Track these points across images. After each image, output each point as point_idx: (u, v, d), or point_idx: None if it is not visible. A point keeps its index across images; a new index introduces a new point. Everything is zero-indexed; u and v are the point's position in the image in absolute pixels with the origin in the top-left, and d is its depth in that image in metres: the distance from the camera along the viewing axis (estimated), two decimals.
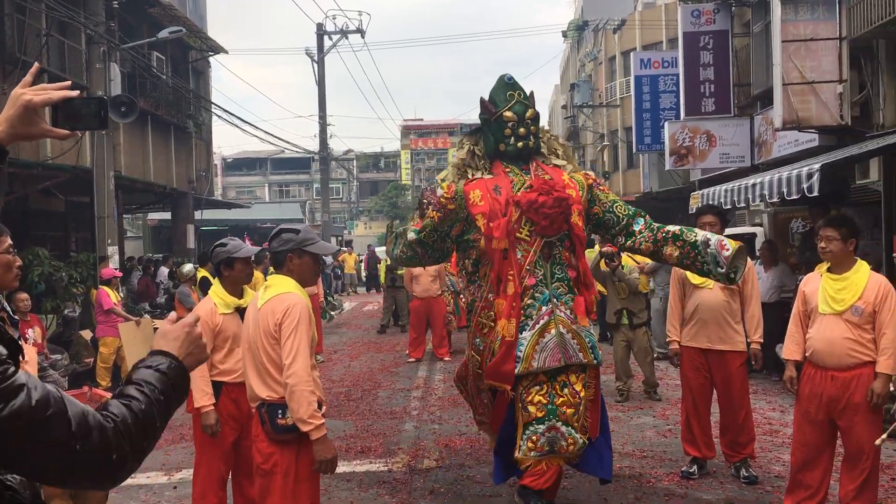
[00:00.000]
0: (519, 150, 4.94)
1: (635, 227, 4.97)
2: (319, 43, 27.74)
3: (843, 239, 4.50)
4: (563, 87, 44.97)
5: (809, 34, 10.69)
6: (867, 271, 4.53)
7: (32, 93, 1.68)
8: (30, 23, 12.68)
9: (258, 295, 3.72)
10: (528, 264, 4.75)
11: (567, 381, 4.72)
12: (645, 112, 20.17)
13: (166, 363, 1.61)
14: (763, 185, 8.88)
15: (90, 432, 1.36)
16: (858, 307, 4.44)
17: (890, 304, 4.40)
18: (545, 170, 4.96)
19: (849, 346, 4.46)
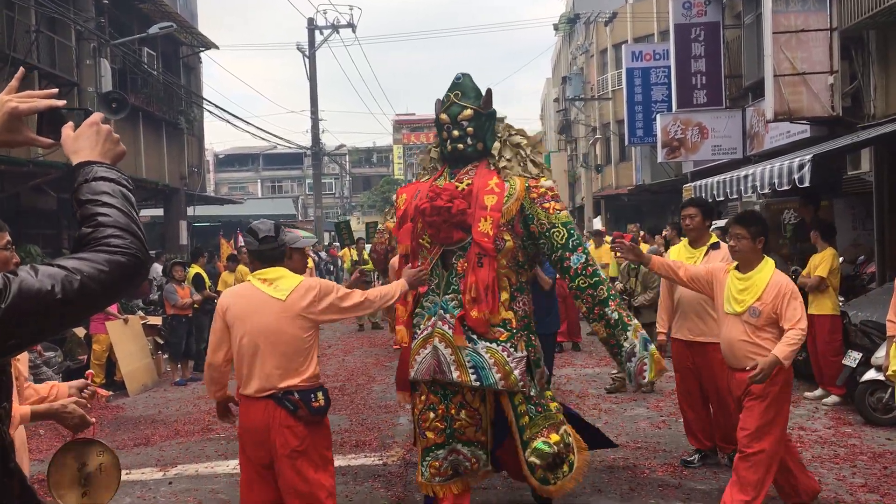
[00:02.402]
0: (450, 152, 4.70)
1: (571, 263, 4.42)
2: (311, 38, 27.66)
3: (752, 237, 4.40)
4: (555, 81, 44.97)
5: (800, 25, 10.73)
6: (770, 270, 4.39)
7: (18, 100, 1.66)
8: (19, 19, 12.60)
9: (261, 288, 3.76)
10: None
11: (464, 401, 4.47)
12: (637, 105, 20.21)
13: (97, 169, 1.59)
14: (755, 176, 8.91)
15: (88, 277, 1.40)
16: (756, 308, 4.33)
17: (795, 302, 4.27)
18: (476, 174, 4.60)
19: (747, 348, 4.36)
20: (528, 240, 4.52)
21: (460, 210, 4.41)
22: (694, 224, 5.72)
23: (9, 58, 12.04)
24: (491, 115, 4.71)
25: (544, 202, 4.50)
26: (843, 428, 6.73)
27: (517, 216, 4.46)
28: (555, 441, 4.38)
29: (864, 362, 7.07)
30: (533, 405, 4.45)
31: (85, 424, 2.87)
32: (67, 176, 9.47)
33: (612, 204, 31.90)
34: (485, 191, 4.48)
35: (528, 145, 4.81)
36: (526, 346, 4.46)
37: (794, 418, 7.05)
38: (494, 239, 4.36)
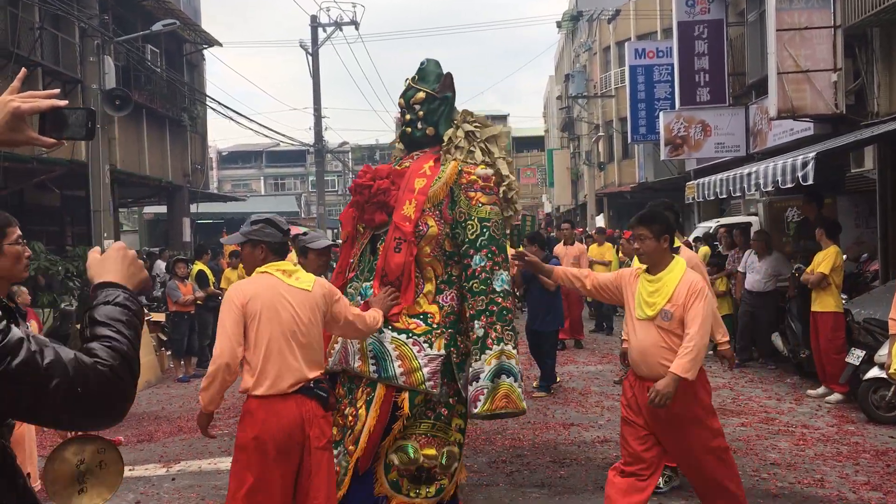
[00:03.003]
0: (401, 137, 4.59)
1: (472, 262, 4.13)
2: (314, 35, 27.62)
3: (655, 236, 4.08)
4: (558, 78, 44.94)
5: (804, 23, 10.69)
6: (681, 270, 4.08)
7: (20, 100, 1.68)
8: (23, 16, 12.63)
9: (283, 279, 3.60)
10: (352, 256, 4.45)
11: (355, 398, 4.18)
12: (640, 102, 20.17)
13: (121, 295, 1.62)
14: (758, 174, 8.89)
15: (87, 375, 1.42)
16: (667, 311, 4.01)
17: (699, 304, 3.96)
18: (419, 157, 4.45)
19: (661, 354, 4.00)
20: (454, 227, 4.23)
21: (381, 189, 4.21)
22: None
23: (13, 55, 12.07)
24: (445, 100, 4.48)
25: (470, 190, 4.23)
26: (846, 426, 6.72)
27: (445, 201, 4.22)
28: (427, 454, 4.04)
29: (867, 360, 7.06)
30: (425, 407, 4.10)
31: None
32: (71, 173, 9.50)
33: (615, 202, 31.87)
34: (417, 173, 4.29)
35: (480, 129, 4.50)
36: (446, 346, 4.08)
37: (797, 416, 7.07)
38: (416, 223, 4.12)
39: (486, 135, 4.49)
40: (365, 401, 4.12)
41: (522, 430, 6.85)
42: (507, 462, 5.93)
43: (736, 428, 6.70)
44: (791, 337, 8.92)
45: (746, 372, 9.27)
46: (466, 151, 4.39)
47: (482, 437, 6.64)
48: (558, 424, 7.03)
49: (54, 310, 10.87)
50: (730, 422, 6.90)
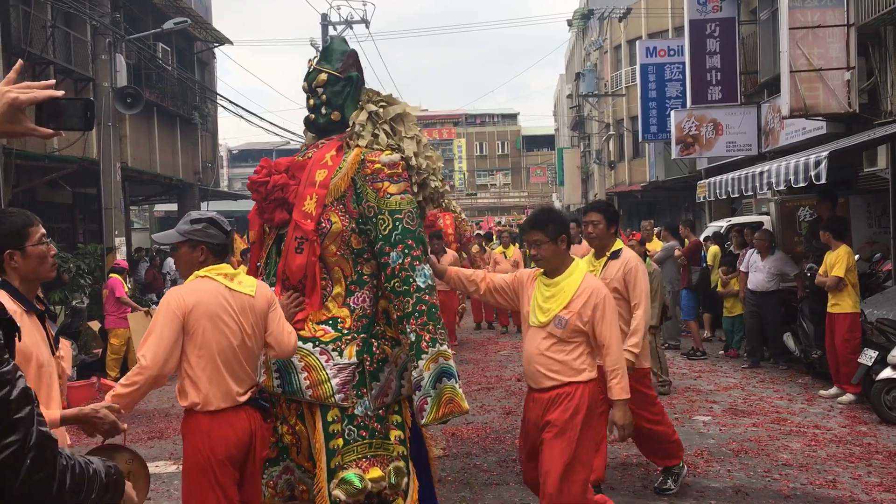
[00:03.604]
0: (308, 123, 4.21)
1: (390, 260, 3.76)
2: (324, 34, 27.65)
3: (551, 239, 3.82)
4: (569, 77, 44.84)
5: (817, 21, 10.62)
6: (581, 275, 3.83)
7: (18, 90, 1.68)
8: (35, 14, 12.68)
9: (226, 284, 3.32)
10: (259, 259, 4.10)
11: (281, 412, 3.89)
12: (651, 101, 20.09)
13: (115, 474, 1.65)
14: (770, 172, 8.84)
15: (44, 452, 1.37)
16: (562, 318, 3.73)
17: (607, 315, 3.74)
18: (324, 145, 4.06)
19: (547, 364, 3.74)
20: (363, 223, 3.82)
21: (277, 186, 3.86)
22: (597, 232, 4.97)
23: (25, 53, 12.11)
24: (350, 81, 4.07)
25: (376, 181, 3.81)
26: (858, 427, 6.68)
27: (349, 193, 3.83)
28: (372, 477, 3.69)
29: (879, 360, 7.02)
30: (355, 426, 3.72)
31: (115, 431, 2.71)
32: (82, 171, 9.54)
33: (626, 201, 31.78)
34: (318, 165, 3.90)
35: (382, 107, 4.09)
36: (359, 353, 3.73)
37: (808, 416, 7.03)
38: (318, 220, 3.76)
39: (390, 114, 4.07)
40: (297, 415, 3.84)
41: None
42: (516, 461, 5.89)
43: (747, 428, 6.66)
44: (803, 337, 8.87)
45: (758, 372, 9.22)
46: (371, 135, 4.00)
47: (492, 436, 6.63)
48: None
49: (65, 307, 10.93)
50: (741, 422, 6.87)
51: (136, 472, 2.80)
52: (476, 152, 68.34)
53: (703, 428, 6.74)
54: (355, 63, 4.14)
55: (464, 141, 68.08)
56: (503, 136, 68.52)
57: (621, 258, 4.89)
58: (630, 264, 4.83)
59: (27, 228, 2.68)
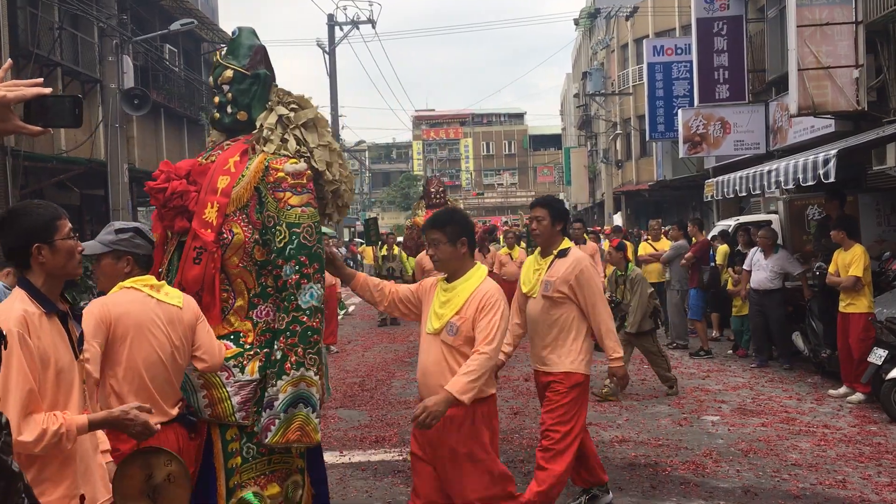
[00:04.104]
0: (215, 122, 3.94)
1: (282, 273, 3.54)
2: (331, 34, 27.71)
3: (450, 241, 3.66)
4: (576, 76, 44.78)
5: (825, 19, 10.57)
6: (479, 279, 3.65)
7: (6, 89, 1.69)
8: (42, 16, 12.73)
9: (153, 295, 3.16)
10: (161, 265, 3.78)
11: None
12: (658, 100, 20.05)
13: None
14: (778, 171, 8.80)
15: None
16: (453, 324, 3.55)
17: (489, 317, 3.52)
18: (229, 148, 3.81)
19: (442, 375, 3.54)
20: (265, 234, 3.61)
21: (176, 193, 3.61)
22: (541, 228, 4.63)
23: (32, 55, 12.16)
24: (258, 78, 3.82)
25: (278, 190, 3.60)
26: (868, 426, 6.64)
27: (252, 203, 3.61)
28: (271, 493, 3.54)
29: (889, 360, 6.97)
30: (254, 444, 3.53)
31: (148, 432, 2.60)
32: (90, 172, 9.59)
33: (633, 200, 31.73)
34: (221, 170, 3.66)
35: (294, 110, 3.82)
36: (262, 369, 3.51)
37: (818, 416, 6.99)
38: (219, 230, 3.54)
39: (301, 119, 3.82)
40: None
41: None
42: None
43: (756, 428, 6.63)
44: (812, 336, 8.82)
45: (767, 371, 9.18)
46: (280, 140, 3.75)
47: (500, 437, 6.60)
48: None
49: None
50: (750, 422, 6.84)
51: (176, 475, 2.72)
52: (483, 152, 68.36)
53: (712, 428, 6.71)
54: (264, 59, 3.89)
55: (470, 141, 68.11)
56: (510, 136, 68.52)
57: (570, 258, 4.55)
58: (581, 265, 4.50)
59: (56, 221, 2.53)
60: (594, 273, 4.61)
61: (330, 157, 3.85)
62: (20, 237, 2.48)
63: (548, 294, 4.51)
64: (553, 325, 4.53)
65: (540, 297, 4.55)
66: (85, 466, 2.54)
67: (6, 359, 2.30)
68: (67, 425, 2.37)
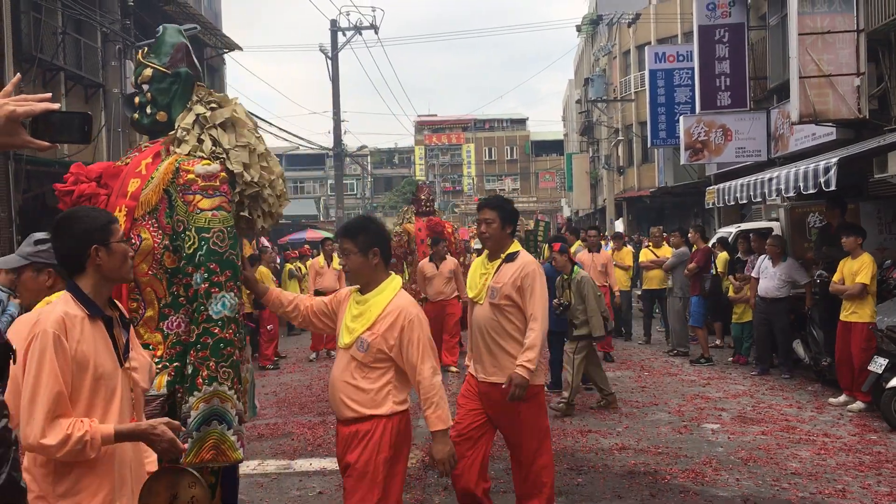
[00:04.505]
0: (135, 123, 3.74)
1: (192, 282, 3.31)
2: (333, 39, 27.74)
3: (361, 251, 3.51)
4: (578, 82, 44.85)
5: (826, 27, 10.59)
6: (392, 292, 3.50)
7: (15, 103, 1.70)
8: (46, 21, 12.76)
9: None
10: None
11: None
12: (660, 106, 20.07)
13: None
14: (779, 179, 8.80)
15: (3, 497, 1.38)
16: (364, 340, 3.40)
17: (412, 337, 3.39)
18: (145, 150, 3.64)
19: (350, 393, 3.42)
20: (175, 239, 3.39)
21: (84, 196, 3.45)
22: (490, 231, 4.40)
23: (35, 59, 12.20)
24: (178, 77, 3.64)
25: (188, 192, 3.39)
26: (868, 435, 6.63)
27: (161, 206, 3.41)
28: None
29: (890, 368, 6.97)
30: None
31: (174, 450, 2.53)
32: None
33: (634, 206, 31.73)
34: (133, 173, 3.49)
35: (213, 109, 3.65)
36: (170, 384, 3.29)
37: (818, 424, 6.99)
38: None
39: (218, 119, 3.63)
40: None
41: None
42: None
43: (756, 436, 6.63)
44: (813, 344, 8.82)
45: (767, 379, 9.17)
46: (196, 141, 3.56)
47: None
48: (576, 431, 6.99)
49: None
50: (750, 430, 6.84)
51: (199, 499, 2.65)
52: (485, 157, 68.41)
53: (712, 436, 6.71)
54: (186, 57, 3.70)
55: (472, 146, 68.16)
56: (512, 141, 68.57)
57: (517, 262, 4.33)
58: (526, 269, 4.28)
59: (111, 224, 2.54)
60: (540, 279, 4.33)
61: (249, 159, 3.64)
62: (79, 240, 2.48)
63: (494, 301, 4.30)
64: (501, 333, 4.31)
65: (487, 303, 4.34)
66: (121, 479, 2.49)
67: (38, 359, 2.29)
68: (93, 433, 2.32)
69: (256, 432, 7.53)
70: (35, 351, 2.32)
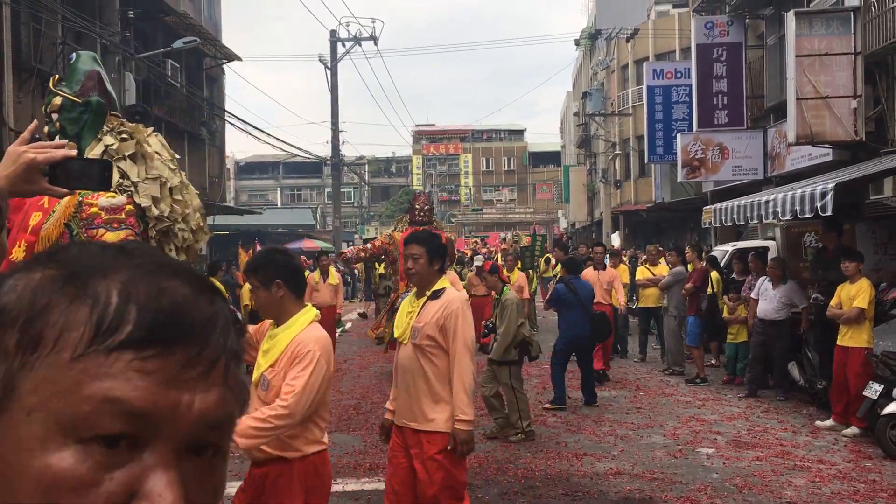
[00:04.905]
0: None
1: None
2: (333, 50, 27.81)
3: (263, 285, 3.27)
4: (576, 95, 44.97)
5: (824, 49, 10.66)
6: (301, 326, 3.25)
7: (35, 151, 1.70)
8: (46, 32, 12.77)
9: None
10: None
11: None
12: (657, 123, 20.15)
13: None
14: (776, 202, 8.83)
15: None
16: (265, 378, 3.21)
17: (297, 370, 3.11)
18: None
19: (252, 434, 3.19)
20: None
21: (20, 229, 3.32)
22: (417, 267, 4.06)
23: (35, 69, 12.20)
24: (89, 106, 3.47)
25: (91, 227, 3.31)
26: (863, 462, 6.63)
27: (64, 241, 3.21)
28: None
29: (885, 394, 6.97)
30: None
31: None
32: None
33: (631, 219, 31.78)
34: (35, 206, 3.38)
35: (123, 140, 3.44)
36: None
37: (812, 450, 6.99)
38: None
39: (127, 150, 3.46)
40: None
41: (535, 458, 6.81)
42: (518, 493, 5.88)
43: (751, 462, 6.62)
44: (808, 367, 8.83)
45: (762, 401, 9.17)
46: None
47: (493, 467, 6.60)
48: (571, 454, 6.97)
49: None
50: (745, 455, 6.83)
51: None
52: (482, 167, 68.51)
53: (707, 461, 6.70)
54: (98, 85, 3.56)
55: (470, 156, 68.26)
56: (510, 152, 68.68)
57: (441, 300, 4.00)
58: (450, 308, 3.93)
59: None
60: (465, 318, 3.97)
61: (160, 192, 3.46)
62: None
63: (416, 342, 3.97)
64: (422, 376, 3.95)
65: (410, 343, 4.02)
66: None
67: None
68: None
69: None
70: None
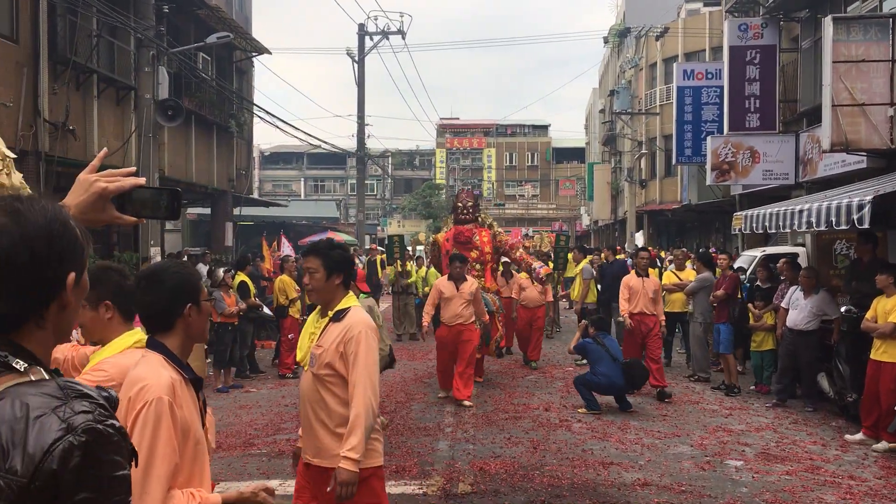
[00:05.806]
0: None
1: None
2: (360, 44, 27.83)
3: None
4: (602, 91, 44.70)
5: (861, 55, 10.51)
6: (118, 348, 2.86)
7: (106, 181, 1.72)
8: (81, 24, 12.87)
9: None
10: None
11: None
12: (686, 124, 19.99)
13: None
14: (811, 212, 8.72)
15: None
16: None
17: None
18: None
19: None
20: None
21: None
22: (314, 283, 3.66)
23: (70, 61, 12.31)
24: None
25: None
26: (894, 478, 6.56)
27: None
28: None
29: None
30: None
31: None
32: None
33: (656, 219, 31.60)
34: None
35: None
36: None
37: (843, 465, 6.92)
38: None
39: None
40: None
41: (561, 466, 6.80)
42: (546, 502, 5.88)
43: (781, 476, 6.57)
44: (838, 379, 8.74)
45: (790, 412, 9.10)
46: None
47: (520, 473, 6.60)
48: (597, 462, 6.96)
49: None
50: (774, 469, 6.78)
51: None
52: (506, 162, 68.30)
53: (736, 474, 6.65)
54: None
55: (493, 151, 68.08)
56: (533, 147, 68.42)
57: (343, 323, 3.57)
58: (352, 332, 3.51)
59: (199, 283, 2.43)
60: (369, 344, 3.54)
61: None
62: (172, 296, 2.37)
63: (315, 371, 3.57)
64: (322, 408, 3.56)
65: (310, 371, 3.63)
66: None
67: (153, 428, 2.16)
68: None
69: (277, 448, 7.57)
70: (149, 419, 2.18)
